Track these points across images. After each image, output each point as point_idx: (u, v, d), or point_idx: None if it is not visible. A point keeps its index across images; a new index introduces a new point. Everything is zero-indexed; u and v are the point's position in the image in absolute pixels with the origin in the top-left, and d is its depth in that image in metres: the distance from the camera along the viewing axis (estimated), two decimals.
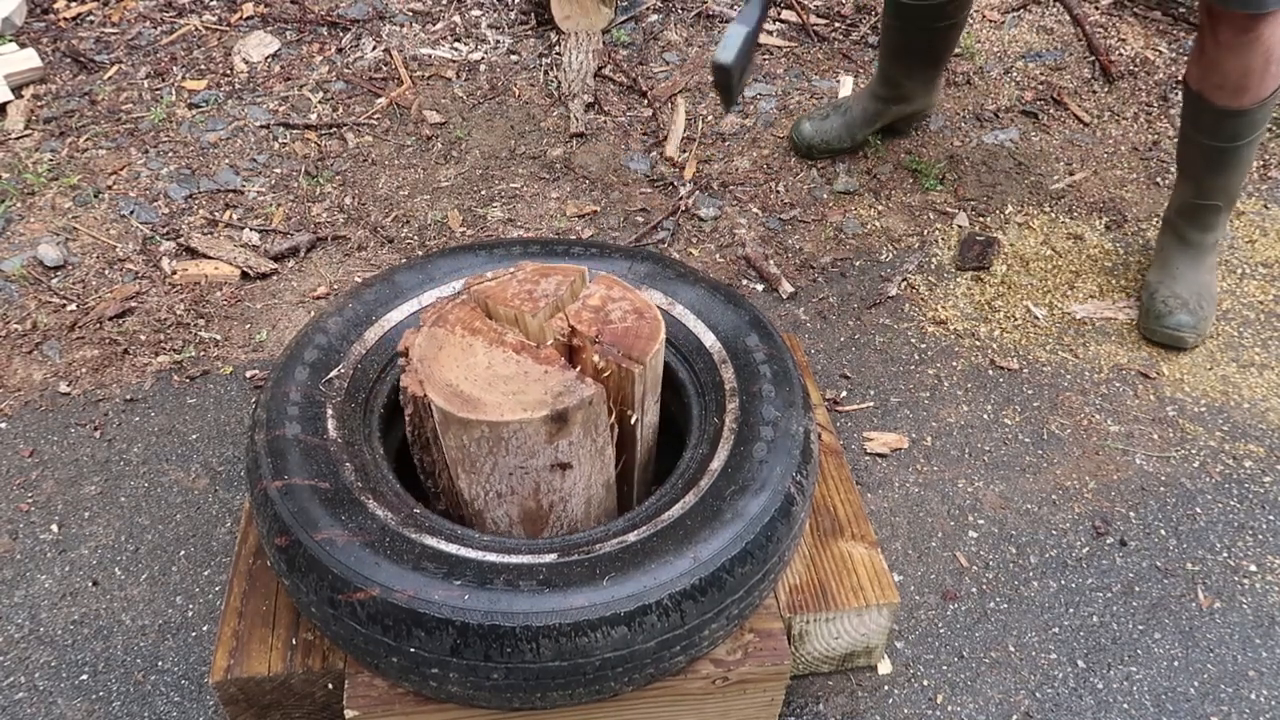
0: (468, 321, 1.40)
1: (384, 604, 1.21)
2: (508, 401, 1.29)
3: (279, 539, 1.29)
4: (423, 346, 1.35)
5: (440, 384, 1.31)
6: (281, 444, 1.37)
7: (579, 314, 1.41)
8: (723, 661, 1.37)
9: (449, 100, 2.84)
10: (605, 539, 1.29)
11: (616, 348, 1.36)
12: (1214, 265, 2.22)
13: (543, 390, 1.30)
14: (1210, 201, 2.12)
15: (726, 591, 1.27)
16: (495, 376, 1.32)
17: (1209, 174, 2.09)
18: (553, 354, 1.36)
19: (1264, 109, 1.95)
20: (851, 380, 2.12)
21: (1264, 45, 1.85)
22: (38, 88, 2.82)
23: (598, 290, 1.45)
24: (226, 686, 1.37)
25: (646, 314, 1.41)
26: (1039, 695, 1.61)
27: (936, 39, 2.41)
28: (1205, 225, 2.16)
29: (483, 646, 1.19)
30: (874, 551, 1.56)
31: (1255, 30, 1.82)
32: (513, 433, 1.28)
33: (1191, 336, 2.14)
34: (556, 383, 1.32)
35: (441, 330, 1.38)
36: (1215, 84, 1.94)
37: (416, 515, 1.33)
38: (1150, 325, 2.17)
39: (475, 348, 1.36)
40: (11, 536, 1.80)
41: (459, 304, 1.43)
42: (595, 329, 1.38)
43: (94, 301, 2.21)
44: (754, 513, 1.31)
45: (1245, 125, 1.97)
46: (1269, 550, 1.82)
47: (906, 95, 2.57)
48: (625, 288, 1.46)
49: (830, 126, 2.61)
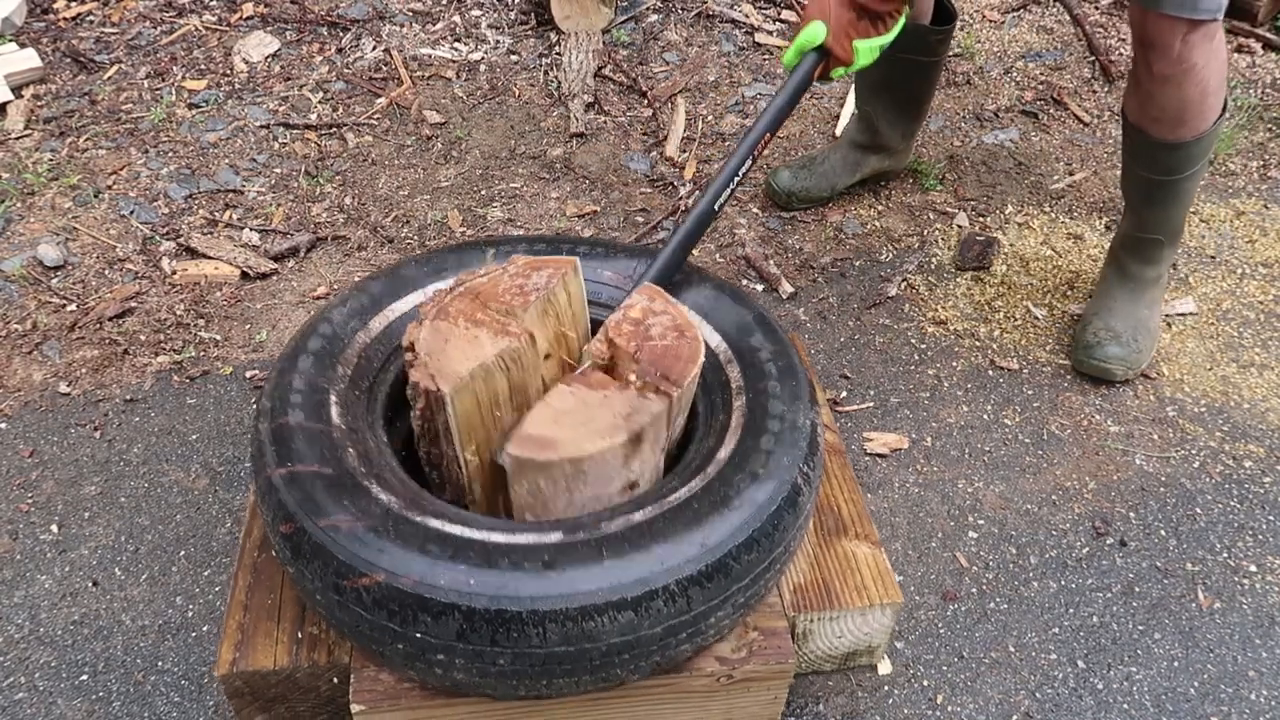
0: (469, 313, 1.39)
1: (389, 589, 1.21)
2: (582, 433, 1.27)
3: (283, 526, 1.29)
4: (428, 340, 1.35)
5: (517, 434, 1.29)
6: (285, 431, 1.36)
7: (619, 326, 1.40)
8: (727, 659, 1.37)
9: (449, 100, 2.84)
10: (611, 518, 1.29)
11: (655, 368, 1.35)
12: (1155, 300, 2.15)
13: (611, 415, 1.29)
14: (1152, 235, 2.07)
15: (733, 579, 1.27)
16: (558, 412, 1.31)
17: (1148, 207, 2.04)
18: (603, 378, 1.35)
19: (1202, 143, 1.90)
20: (851, 380, 2.12)
21: (1198, 76, 1.81)
22: (38, 88, 2.82)
23: (640, 300, 1.44)
24: (232, 680, 1.37)
25: (687, 333, 1.40)
26: (1039, 695, 1.61)
27: (917, 75, 2.33)
28: (1147, 259, 2.11)
29: (489, 631, 1.19)
30: (877, 551, 1.56)
31: (1189, 60, 1.78)
32: (593, 464, 1.27)
33: (1121, 369, 2.07)
34: (621, 403, 1.31)
35: (444, 323, 1.37)
36: (1153, 117, 1.89)
37: (420, 499, 1.33)
38: (1079, 356, 2.11)
39: (480, 339, 1.35)
40: (11, 536, 1.79)
41: (458, 295, 1.42)
42: (634, 345, 1.37)
43: (94, 301, 2.21)
44: (761, 500, 1.31)
45: (1183, 159, 1.92)
46: (1269, 550, 1.82)
47: (884, 143, 2.46)
48: (667, 300, 1.45)
49: (810, 176, 2.50)
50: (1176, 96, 1.84)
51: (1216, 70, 1.83)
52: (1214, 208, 2.57)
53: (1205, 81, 1.82)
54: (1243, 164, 2.70)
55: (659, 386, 1.34)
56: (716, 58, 3.03)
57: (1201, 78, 1.81)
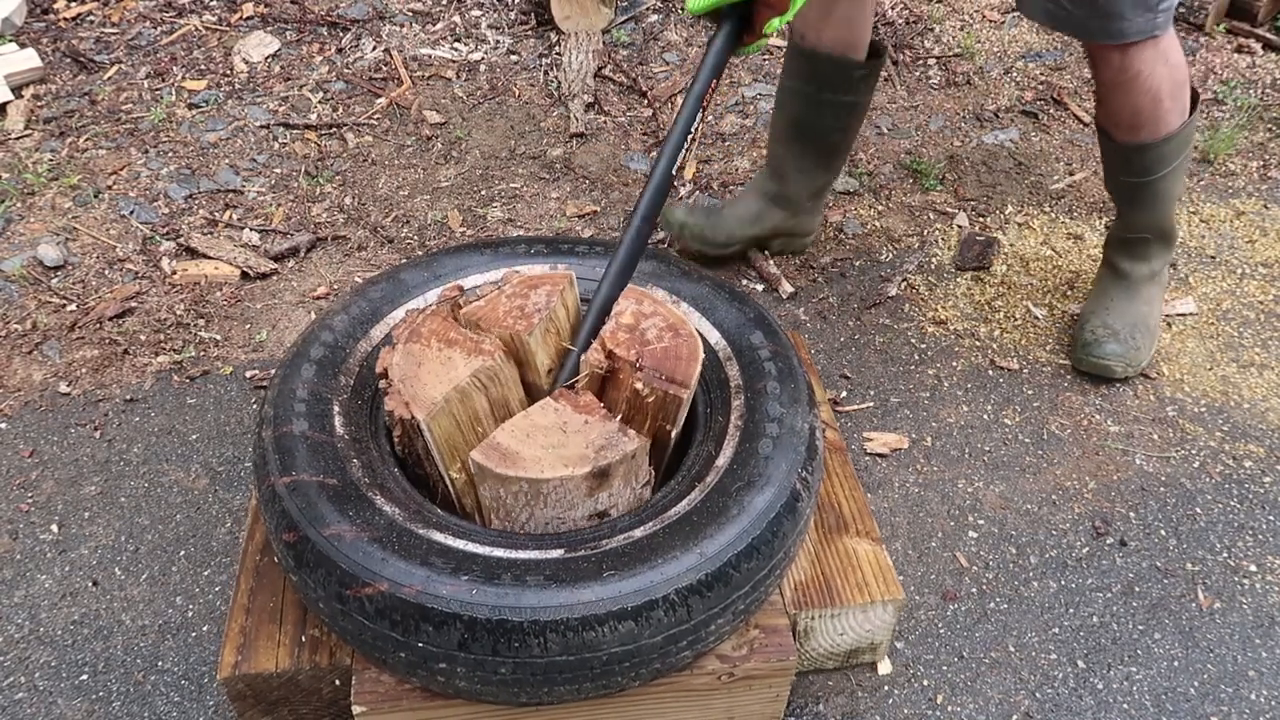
0: (442, 333, 1.39)
1: (392, 599, 1.21)
2: (547, 456, 1.27)
3: (287, 535, 1.29)
4: (401, 366, 1.35)
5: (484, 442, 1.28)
6: (289, 441, 1.37)
7: (614, 335, 1.39)
8: (728, 657, 1.37)
9: (449, 100, 2.84)
10: (612, 535, 1.29)
11: (658, 372, 1.34)
12: (1153, 297, 2.14)
13: (583, 444, 1.29)
14: (1138, 235, 2.07)
15: (733, 587, 1.27)
16: (534, 427, 1.31)
17: (1130, 207, 2.04)
18: (592, 401, 1.34)
19: (1170, 144, 1.89)
20: (851, 380, 2.12)
21: (1146, 83, 1.80)
22: (38, 88, 2.82)
23: (629, 305, 1.44)
24: (234, 683, 1.37)
25: (682, 330, 1.40)
26: (1039, 695, 1.61)
27: (835, 118, 2.15)
28: (1138, 256, 2.11)
29: (490, 641, 1.19)
30: (879, 548, 1.56)
31: (1131, 69, 1.77)
32: (552, 488, 1.27)
33: (1120, 366, 2.06)
34: (598, 435, 1.30)
35: (417, 346, 1.37)
36: (1112, 121, 1.90)
37: (424, 511, 1.33)
38: (1078, 354, 2.10)
39: (454, 359, 1.35)
40: (11, 536, 1.79)
41: (431, 314, 1.42)
42: (634, 351, 1.36)
43: (94, 301, 2.21)
44: (760, 508, 1.31)
45: (1154, 160, 1.91)
46: (1269, 550, 1.82)
47: (791, 196, 2.26)
48: (655, 301, 1.45)
49: (705, 216, 2.29)
50: (1127, 102, 1.85)
51: (1168, 76, 1.82)
52: (1214, 208, 2.57)
53: (1155, 88, 1.82)
54: (1243, 164, 2.70)
55: (667, 391, 1.33)
56: None
57: (1150, 85, 1.81)
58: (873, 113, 2.84)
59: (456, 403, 1.34)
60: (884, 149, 2.70)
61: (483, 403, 1.38)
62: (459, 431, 1.37)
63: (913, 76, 2.99)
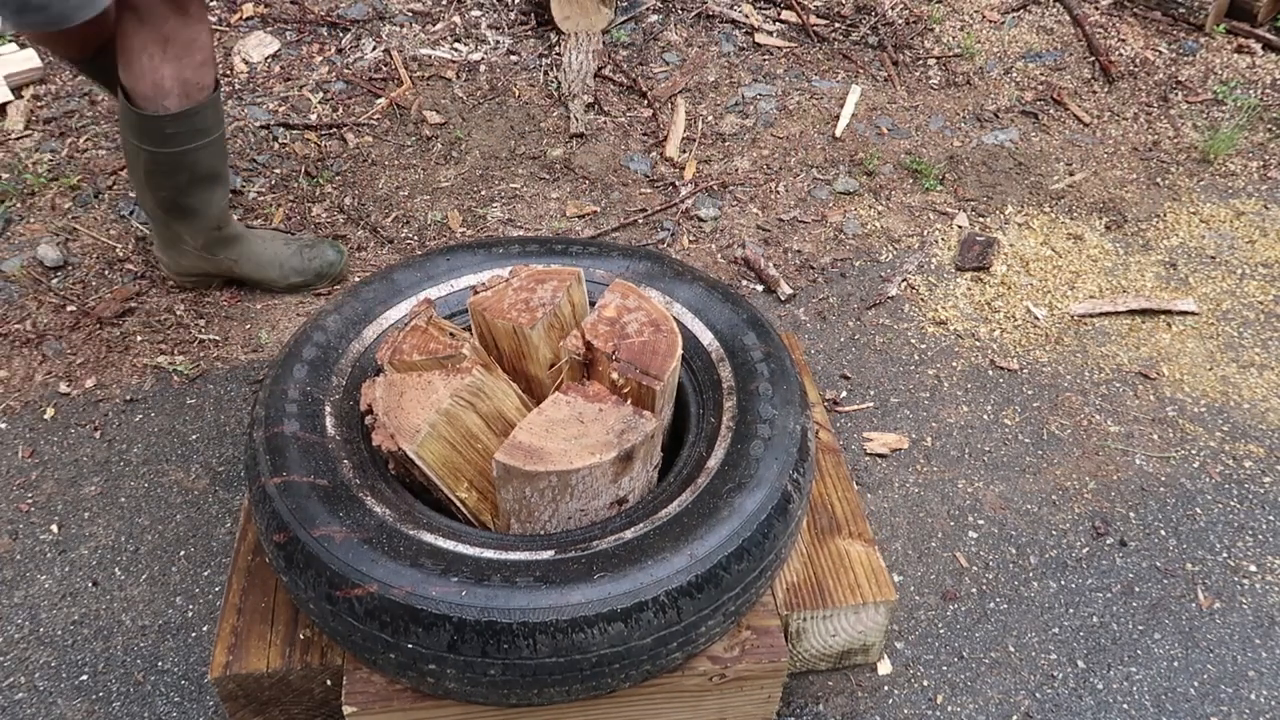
0: (422, 345, 1.39)
1: (381, 600, 1.21)
2: (573, 447, 1.27)
3: (277, 535, 1.29)
4: (384, 399, 1.35)
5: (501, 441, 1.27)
6: (280, 441, 1.37)
7: (595, 327, 1.39)
8: (720, 658, 1.37)
9: (449, 100, 2.84)
10: (602, 536, 1.29)
11: (634, 365, 1.35)
12: None
13: (604, 430, 1.29)
14: None
15: (723, 589, 1.27)
16: (551, 421, 1.31)
17: None
18: (600, 389, 1.34)
19: None
20: (851, 381, 2.12)
21: None
22: (38, 88, 2.82)
23: (613, 299, 1.44)
24: (225, 683, 1.37)
25: (663, 326, 1.40)
26: (1039, 695, 1.61)
27: None
28: None
29: (479, 642, 1.19)
30: (871, 549, 1.56)
31: None
32: (580, 479, 1.27)
33: None
34: (615, 420, 1.30)
35: (399, 375, 1.37)
36: None
37: (414, 512, 1.33)
38: None
39: (434, 383, 1.35)
40: (11, 536, 1.80)
41: (410, 330, 1.42)
42: (612, 344, 1.37)
43: (94, 301, 2.21)
44: (751, 510, 1.31)
45: None
46: (1269, 550, 1.82)
47: (177, 237, 2.09)
48: (640, 296, 1.45)
49: None
50: None
51: None
52: (1214, 208, 2.56)
53: None
54: (1243, 164, 2.70)
55: (640, 382, 1.34)
56: (716, 58, 3.03)
57: None
58: (873, 113, 2.84)
59: (444, 426, 1.34)
60: (884, 149, 2.70)
61: (474, 419, 1.38)
62: (455, 452, 1.37)
63: (913, 76, 2.99)
